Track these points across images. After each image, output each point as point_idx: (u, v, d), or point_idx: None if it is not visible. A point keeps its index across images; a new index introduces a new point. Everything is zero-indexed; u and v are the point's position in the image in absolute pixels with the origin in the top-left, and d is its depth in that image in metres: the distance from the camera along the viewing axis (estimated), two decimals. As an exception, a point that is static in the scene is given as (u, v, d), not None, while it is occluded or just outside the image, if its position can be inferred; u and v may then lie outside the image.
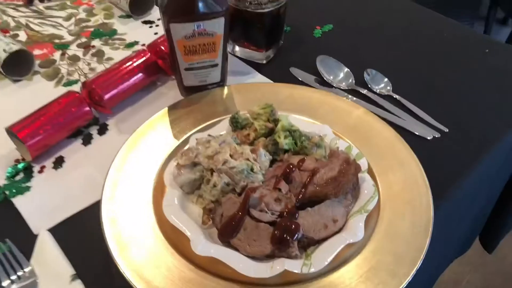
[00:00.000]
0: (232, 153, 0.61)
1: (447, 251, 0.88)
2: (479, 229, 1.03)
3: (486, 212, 0.97)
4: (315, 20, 0.96)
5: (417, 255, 0.55)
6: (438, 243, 0.73)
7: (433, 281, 0.96)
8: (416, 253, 0.55)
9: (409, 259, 0.55)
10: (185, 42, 0.70)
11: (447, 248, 0.85)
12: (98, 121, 0.74)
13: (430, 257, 0.59)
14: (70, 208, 0.62)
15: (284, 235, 0.55)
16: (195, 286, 0.53)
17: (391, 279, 0.53)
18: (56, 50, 0.87)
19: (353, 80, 0.81)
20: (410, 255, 0.56)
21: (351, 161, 0.60)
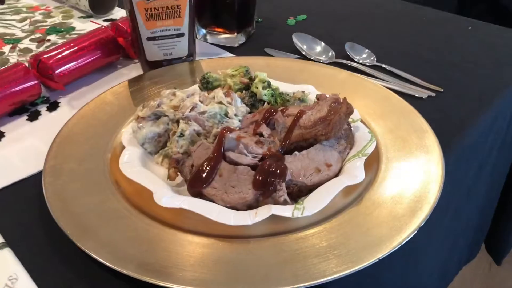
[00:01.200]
0: (202, 100, 0.52)
1: (457, 243, 0.77)
2: (483, 233, 0.93)
3: (489, 204, 0.87)
4: (288, 12, 0.91)
5: (428, 203, 0.45)
6: (450, 214, 0.63)
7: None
8: (427, 201, 0.45)
9: (418, 207, 0.45)
10: (145, 4, 0.63)
11: (457, 235, 0.75)
12: (49, 99, 0.65)
13: (442, 238, 0.48)
14: (7, 178, 0.51)
15: (270, 178, 0.44)
16: (163, 242, 0.42)
17: (395, 230, 0.42)
18: (6, 45, 0.79)
19: (333, 53, 0.75)
20: (418, 204, 0.45)
21: (342, 100, 0.52)
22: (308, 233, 0.42)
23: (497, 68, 0.72)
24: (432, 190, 0.46)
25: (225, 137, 0.47)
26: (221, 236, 0.42)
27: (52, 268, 0.41)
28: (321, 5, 0.95)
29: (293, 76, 0.65)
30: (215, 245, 0.41)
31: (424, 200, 0.45)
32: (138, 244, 0.41)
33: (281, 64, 0.69)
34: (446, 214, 0.62)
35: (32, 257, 0.42)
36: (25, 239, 0.44)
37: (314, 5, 0.95)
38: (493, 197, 0.87)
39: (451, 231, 0.72)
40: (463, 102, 0.64)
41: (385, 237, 0.41)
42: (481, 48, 0.77)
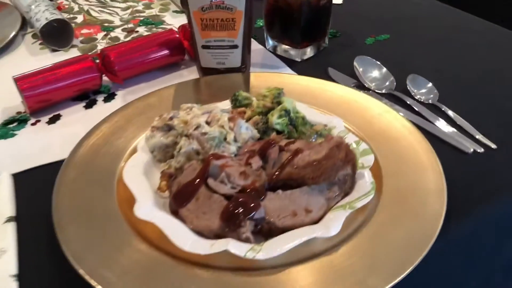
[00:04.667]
0: (209, 120, 0.54)
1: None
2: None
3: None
4: (371, 29, 0.87)
5: (398, 272, 0.42)
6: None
7: None
8: (398, 270, 0.42)
9: (387, 273, 0.42)
10: (201, 14, 0.66)
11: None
12: (109, 89, 0.72)
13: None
14: (44, 158, 0.59)
15: (236, 210, 0.45)
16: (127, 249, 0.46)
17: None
18: (102, 31, 0.89)
19: (394, 84, 0.70)
20: (389, 269, 0.42)
21: (344, 145, 0.49)
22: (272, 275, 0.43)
23: None
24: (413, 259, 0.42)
25: (210, 163, 0.49)
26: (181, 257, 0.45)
27: (40, 246, 0.48)
28: (408, 26, 0.89)
29: (333, 105, 0.63)
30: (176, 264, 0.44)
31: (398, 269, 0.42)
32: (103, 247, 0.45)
33: (323, 88, 0.67)
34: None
35: (30, 233, 0.49)
36: (33, 217, 0.51)
37: (401, 25, 0.89)
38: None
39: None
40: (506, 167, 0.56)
41: None
42: None
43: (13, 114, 0.68)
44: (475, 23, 0.90)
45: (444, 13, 0.94)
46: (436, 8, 0.97)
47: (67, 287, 0.45)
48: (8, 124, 0.65)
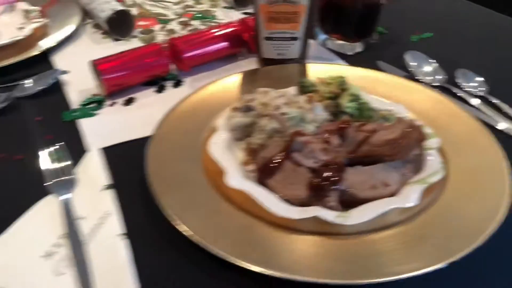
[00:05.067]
0: (287, 102, 0.58)
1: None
2: None
3: None
4: (415, 27, 0.92)
5: (473, 240, 0.46)
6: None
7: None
8: (473, 238, 0.46)
9: (461, 241, 0.46)
10: (268, 7, 0.71)
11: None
12: (176, 77, 0.77)
13: None
14: (125, 135, 0.64)
15: (323, 182, 0.50)
16: (217, 213, 0.50)
17: (434, 255, 0.45)
18: (158, 24, 0.94)
19: (444, 77, 0.75)
20: (465, 238, 0.47)
21: (416, 127, 0.54)
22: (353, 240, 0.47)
23: None
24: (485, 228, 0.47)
25: (295, 139, 0.53)
26: (273, 222, 0.49)
27: (139, 211, 0.52)
28: (451, 24, 0.94)
29: (391, 94, 0.68)
30: (263, 229, 0.49)
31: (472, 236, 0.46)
32: (202, 212, 0.50)
33: (384, 79, 0.72)
34: None
35: (127, 199, 0.54)
36: (126, 186, 0.56)
37: (444, 24, 0.94)
38: None
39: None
40: None
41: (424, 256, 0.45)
42: None
43: (89, 96, 0.72)
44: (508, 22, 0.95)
45: (478, 13, 0.99)
46: (473, 8, 1.01)
47: (169, 243, 0.49)
48: (86, 105, 0.70)
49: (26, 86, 0.73)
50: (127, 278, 0.44)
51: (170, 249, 0.49)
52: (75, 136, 0.64)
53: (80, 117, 0.67)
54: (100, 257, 0.47)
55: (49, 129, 0.66)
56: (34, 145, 0.62)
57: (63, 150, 0.60)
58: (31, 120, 0.68)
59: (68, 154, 0.59)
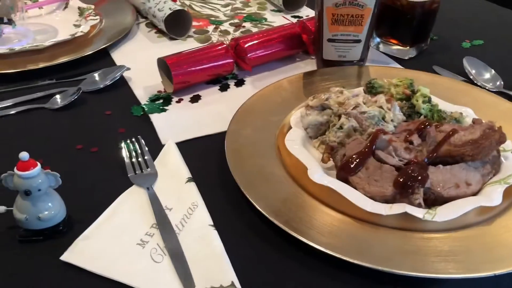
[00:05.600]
0: (365, 101, 0.59)
1: None
2: None
3: None
4: (465, 34, 0.93)
5: None
6: None
7: None
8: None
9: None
10: (334, 9, 0.72)
11: None
12: (237, 76, 0.78)
13: None
14: (197, 131, 0.65)
15: (410, 180, 0.51)
16: (301, 206, 0.51)
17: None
18: (211, 24, 0.95)
19: (501, 83, 0.76)
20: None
21: (497, 129, 0.55)
22: (434, 236, 0.48)
23: None
24: None
25: (379, 137, 0.54)
26: (356, 217, 0.50)
27: (221, 203, 0.53)
28: (500, 31, 0.95)
29: (455, 97, 0.68)
30: (349, 223, 0.49)
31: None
32: (288, 205, 0.51)
33: (445, 83, 0.73)
34: None
35: (208, 192, 0.55)
36: (205, 179, 0.57)
37: (493, 31, 0.95)
38: None
39: None
40: None
41: (507, 258, 0.45)
42: None
43: (154, 92, 0.73)
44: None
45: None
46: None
47: (257, 235, 0.50)
48: (154, 101, 0.71)
49: (93, 80, 0.75)
50: (224, 267, 0.45)
51: (257, 240, 0.50)
52: (146, 130, 0.65)
53: (150, 112, 0.68)
54: (193, 246, 0.47)
55: (120, 123, 0.67)
56: (108, 138, 0.63)
57: (141, 144, 0.61)
58: (102, 113, 0.69)
59: (145, 148, 0.60)
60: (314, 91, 0.71)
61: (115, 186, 0.55)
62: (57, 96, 0.70)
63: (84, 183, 0.56)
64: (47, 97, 0.71)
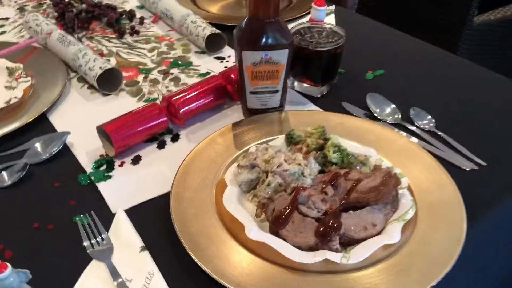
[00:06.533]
0: (286, 159, 0.70)
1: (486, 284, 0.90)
2: None
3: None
4: (368, 64, 1.06)
5: (447, 260, 0.60)
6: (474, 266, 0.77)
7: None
8: (447, 259, 0.61)
9: (440, 264, 0.60)
10: (253, 68, 0.82)
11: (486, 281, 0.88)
12: (172, 131, 0.86)
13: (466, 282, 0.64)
14: (143, 195, 0.72)
15: (328, 229, 0.62)
16: (242, 264, 0.61)
17: (423, 279, 0.59)
18: (140, 74, 1.02)
19: (399, 115, 0.90)
20: (441, 261, 0.61)
21: (393, 174, 0.68)
22: (351, 276, 0.60)
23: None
24: (454, 253, 0.61)
25: (300, 194, 0.65)
26: (288, 267, 0.61)
27: (175, 268, 0.62)
28: (399, 61, 1.09)
29: (361, 136, 0.81)
30: (283, 272, 0.60)
31: (445, 261, 0.60)
32: (232, 265, 0.61)
33: (352, 123, 0.85)
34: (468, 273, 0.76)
35: (161, 258, 0.63)
36: (156, 245, 0.65)
37: (393, 60, 1.09)
38: None
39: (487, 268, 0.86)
40: (498, 180, 0.76)
41: (418, 278, 0.58)
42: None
43: (97, 157, 0.80)
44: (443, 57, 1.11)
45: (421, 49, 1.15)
46: (418, 46, 1.17)
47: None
48: (98, 168, 0.77)
49: (35, 152, 0.79)
50: (184, 330, 0.54)
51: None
52: (96, 199, 0.72)
53: (96, 181, 0.75)
54: (155, 313, 0.56)
55: (70, 194, 0.73)
56: (61, 212, 0.69)
57: (94, 219, 0.68)
58: (51, 186, 0.74)
59: (99, 222, 0.67)
60: (244, 142, 0.81)
61: (76, 262, 0.62)
62: (4, 173, 0.75)
63: (47, 262, 0.63)
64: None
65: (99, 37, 1.15)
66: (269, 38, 0.79)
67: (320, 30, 0.95)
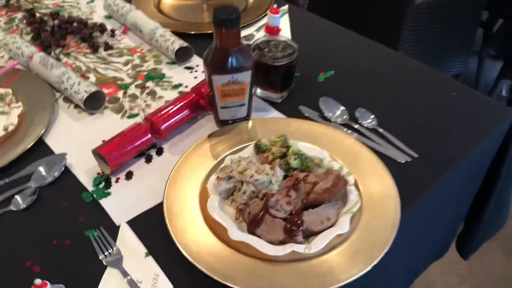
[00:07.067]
0: (256, 170, 0.86)
1: (422, 252, 1.11)
2: (452, 237, 1.26)
3: (456, 222, 1.20)
4: (320, 68, 1.21)
5: (386, 242, 0.79)
6: (411, 241, 0.97)
7: (411, 280, 1.18)
8: (385, 241, 0.79)
9: (380, 246, 0.79)
10: (222, 88, 0.96)
11: (421, 248, 1.08)
12: (156, 145, 1.00)
13: (405, 254, 0.82)
14: (139, 208, 0.87)
15: (293, 227, 0.79)
16: (228, 260, 0.77)
17: (368, 259, 0.77)
18: (119, 90, 1.14)
19: (347, 116, 1.06)
20: (381, 243, 0.79)
21: (341, 177, 0.85)
22: (315, 261, 0.77)
23: (465, 133, 1.01)
24: (391, 236, 0.79)
25: (269, 200, 0.81)
26: (265, 259, 0.78)
27: (175, 269, 0.78)
28: (346, 60, 1.24)
29: (316, 139, 0.97)
30: (262, 264, 0.77)
31: (384, 243, 0.79)
32: (221, 262, 0.77)
33: (308, 127, 1.01)
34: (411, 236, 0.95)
35: (164, 262, 0.79)
36: (158, 251, 0.80)
37: (341, 61, 1.24)
38: (464, 204, 1.18)
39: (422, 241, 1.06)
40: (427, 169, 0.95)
41: (364, 260, 0.76)
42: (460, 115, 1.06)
43: (94, 175, 0.93)
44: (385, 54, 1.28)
45: (369, 48, 1.31)
46: (364, 44, 1.32)
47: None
48: (98, 185, 0.91)
49: (41, 175, 0.92)
50: (189, 316, 0.71)
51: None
52: (101, 213, 0.86)
53: (98, 198, 0.89)
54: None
55: (77, 211, 0.87)
56: (73, 228, 0.84)
57: (103, 232, 0.82)
58: (60, 206, 0.88)
59: (108, 235, 0.82)
60: (219, 151, 0.96)
61: (94, 271, 0.77)
62: (17, 197, 0.88)
63: (69, 273, 0.77)
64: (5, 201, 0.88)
65: (75, 53, 1.25)
66: (234, 63, 0.93)
67: (276, 43, 1.09)
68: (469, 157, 0.99)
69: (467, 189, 1.12)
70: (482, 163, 1.11)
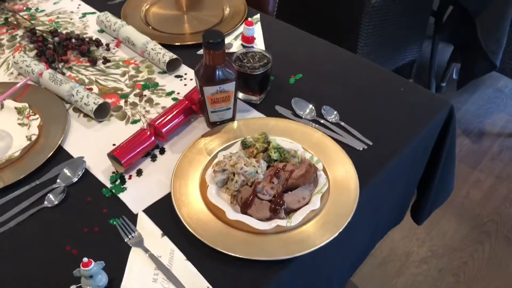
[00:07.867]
0: (245, 163, 1.07)
1: (381, 220, 1.36)
2: (406, 206, 1.51)
3: (408, 194, 1.45)
4: (290, 71, 1.42)
5: (349, 214, 1.02)
6: (370, 212, 1.21)
7: (373, 244, 1.43)
8: (348, 213, 1.02)
9: (345, 217, 1.02)
10: (211, 96, 1.16)
11: (379, 217, 1.33)
12: (159, 146, 1.20)
13: (366, 223, 1.05)
14: (152, 198, 1.07)
15: (276, 207, 1.01)
16: (227, 235, 0.99)
17: (335, 227, 1.00)
18: (121, 99, 1.32)
19: (315, 113, 1.28)
20: (345, 215, 1.02)
21: (312, 164, 1.07)
22: (295, 231, 1.00)
23: (412, 122, 1.25)
24: (352, 208, 1.02)
25: (257, 186, 1.03)
26: (255, 232, 1.00)
27: (186, 245, 0.99)
28: (312, 63, 1.46)
29: (291, 134, 1.19)
30: (254, 236, 0.99)
31: (347, 214, 1.02)
32: (220, 236, 0.99)
33: (283, 124, 1.23)
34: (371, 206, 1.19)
35: (177, 240, 0.99)
36: (171, 232, 1.01)
37: (307, 64, 1.45)
38: (413, 180, 1.43)
39: (379, 211, 1.30)
40: (379, 154, 1.18)
41: (333, 228, 0.99)
42: (406, 107, 1.30)
43: (110, 174, 1.13)
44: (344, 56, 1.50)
45: (331, 51, 1.52)
46: (327, 48, 1.54)
47: (208, 258, 0.97)
48: (114, 182, 1.11)
49: (66, 176, 1.11)
50: (199, 278, 0.93)
51: (209, 259, 0.97)
52: (120, 204, 1.06)
53: (116, 193, 1.08)
54: (181, 274, 0.94)
55: (101, 204, 1.06)
56: (100, 218, 1.03)
57: (125, 220, 1.02)
58: (85, 201, 1.07)
59: (129, 222, 1.02)
60: (212, 149, 1.16)
61: (121, 251, 0.97)
62: (50, 195, 1.07)
63: (101, 253, 0.98)
64: (38, 200, 1.07)
65: (76, 67, 1.42)
66: (220, 76, 1.13)
67: (253, 54, 1.29)
68: (415, 142, 1.23)
69: (415, 167, 1.37)
70: (427, 145, 1.35)
